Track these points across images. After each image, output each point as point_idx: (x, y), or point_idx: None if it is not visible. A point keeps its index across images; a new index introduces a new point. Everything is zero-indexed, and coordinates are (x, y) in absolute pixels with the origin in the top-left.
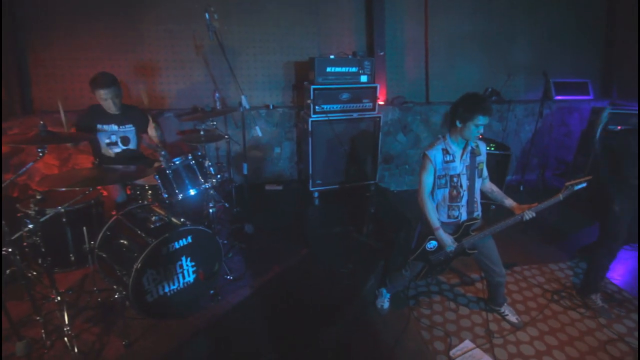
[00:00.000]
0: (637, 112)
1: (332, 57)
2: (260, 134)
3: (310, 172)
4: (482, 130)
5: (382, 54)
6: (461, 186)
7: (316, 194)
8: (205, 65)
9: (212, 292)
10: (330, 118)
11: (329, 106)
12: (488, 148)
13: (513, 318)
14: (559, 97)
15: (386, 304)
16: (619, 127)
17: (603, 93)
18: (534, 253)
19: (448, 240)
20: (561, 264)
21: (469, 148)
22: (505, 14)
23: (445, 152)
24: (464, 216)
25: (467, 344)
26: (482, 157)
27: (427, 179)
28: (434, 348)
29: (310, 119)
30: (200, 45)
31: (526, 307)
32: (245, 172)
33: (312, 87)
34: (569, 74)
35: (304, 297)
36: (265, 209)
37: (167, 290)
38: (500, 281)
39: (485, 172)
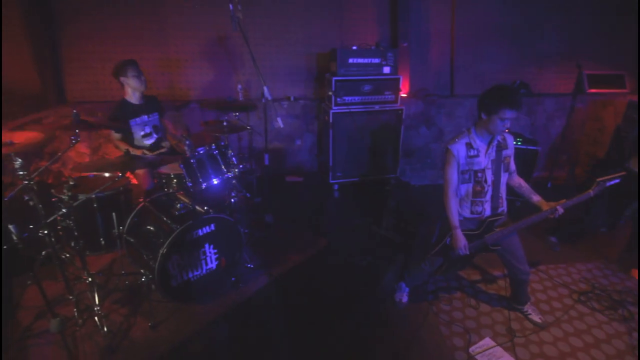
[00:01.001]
0: None
1: (354, 48)
2: (282, 125)
3: (331, 164)
4: (508, 125)
5: (405, 45)
6: (485, 181)
7: (336, 186)
8: (228, 57)
9: (233, 279)
10: (352, 110)
11: (350, 98)
12: (515, 142)
13: (536, 317)
14: (592, 91)
15: (405, 298)
16: None
17: None
18: (560, 252)
19: (461, 243)
20: (589, 264)
21: (495, 142)
22: (535, 3)
23: (470, 146)
24: (487, 212)
25: (487, 341)
26: (509, 151)
27: (452, 175)
28: (452, 344)
29: (332, 111)
30: (223, 37)
31: (551, 307)
32: (266, 162)
33: (334, 78)
34: (604, 66)
35: (321, 288)
36: (286, 200)
37: (190, 275)
38: (524, 279)
39: (512, 166)
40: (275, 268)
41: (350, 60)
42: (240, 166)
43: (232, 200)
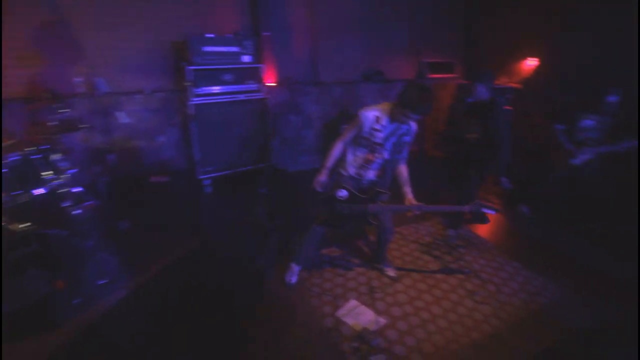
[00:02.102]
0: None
1: (209, 35)
2: (127, 121)
3: (198, 158)
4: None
5: (267, 34)
6: (379, 155)
7: (207, 181)
8: (62, 46)
9: (77, 300)
10: (214, 100)
11: (210, 88)
12: None
13: (392, 273)
14: (432, 76)
15: (294, 279)
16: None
17: (467, 71)
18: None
19: (320, 179)
20: (432, 220)
21: (403, 129)
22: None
23: (377, 119)
24: (368, 177)
25: (352, 303)
26: (409, 138)
27: (350, 133)
28: (322, 312)
29: (191, 102)
30: (52, 22)
31: (403, 261)
32: (112, 163)
33: (190, 67)
34: (440, 55)
35: (195, 287)
36: (150, 203)
37: (11, 308)
38: (389, 238)
39: (404, 154)
40: (134, 278)
41: (206, 49)
42: (72, 171)
43: (72, 210)
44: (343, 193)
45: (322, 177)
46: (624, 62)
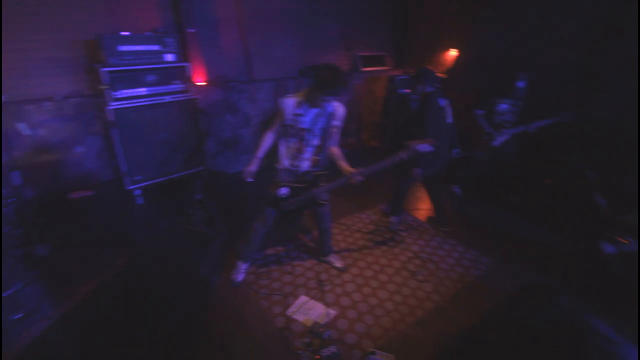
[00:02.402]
0: None
1: (125, 34)
2: (28, 132)
3: (125, 168)
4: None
5: (192, 31)
6: (308, 142)
7: (138, 192)
8: None
9: None
10: (136, 104)
11: (132, 91)
12: None
13: (338, 264)
14: (365, 69)
15: (240, 276)
16: (407, 91)
17: (397, 63)
18: (350, 205)
19: (252, 170)
20: (375, 209)
21: (325, 111)
22: None
23: (298, 104)
24: (304, 168)
25: (302, 299)
26: (338, 122)
27: (275, 121)
28: (272, 313)
29: (110, 107)
30: None
31: (349, 250)
32: (17, 182)
33: (104, 69)
34: (372, 48)
35: (130, 305)
36: (73, 221)
37: None
38: (328, 227)
39: (335, 138)
40: (57, 306)
41: (122, 48)
42: None
43: None
44: (284, 191)
45: (252, 166)
46: (530, 50)
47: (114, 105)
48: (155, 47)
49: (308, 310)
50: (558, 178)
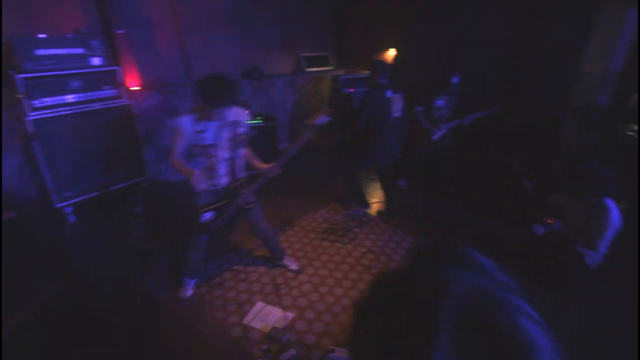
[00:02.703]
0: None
1: (41, 36)
2: None
3: (51, 185)
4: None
5: (121, 32)
6: (217, 157)
7: (69, 209)
8: None
9: None
10: (60, 113)
11: (54, 99)
12: (256, 121)
13: (293, 266)
14: (310, 69)
15: (189, 292)
16: (351, 90)
17: (340, 63)
18: (304, 205)
19: (196, 174)
20: (326, 208)
21: (228, 122)
22: None
23: (196, 120)
24: (223, 184)
25: (258, 305)
26: (244, 128)
27: (177, 143)
28: (228, 323)
29: (29, 118)
30: None
31: (304, 251)
32: None
33: (19, 76)
34: (315, 49)
35: (67, 334)
36: None
37: None
38: (268, 235)
39: (244, 142)
40: None
41: (40, 52)
42: None
43: None
44: (208, 216)
45: (197, 176)
46: (463, 48)
47: (34, 115)
48: (78, 50)
49: (265, 316)
50: (491, 167)
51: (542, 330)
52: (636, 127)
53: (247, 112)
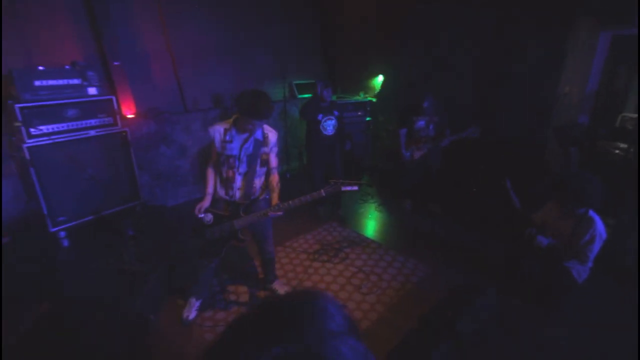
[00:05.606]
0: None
1: (40, 68)
2: None
3: (45, 210)
4: (256, 127)
5: (117, 64)
6: (237, 169)
7: (62, 234)
8: None
9: None
10: (57, 140)
11: (50, 127)
12: None
13: (282, 290)
14: (301, 96)
15: (192, 314)
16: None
17: (332, 90)
18: (297, 226)
19: (204, 205)
20: (318, 229)
21: (252, 138)
22: (245, 27)
23: (225, 131)
24: (237, 197)
25: None
26: (268, 149)
27: (212, 151)
28: None
29: (26, 145)
30: None
31: (295, 272)
32: None
33: (18, 105)
34: (305, 75)
35: (58, 352)
36: None
37: None
38: (270, 258)
39: (272, 163)
40: None
41: (38, 83)
42: None
43: None
44: (207, 217)
45: (205, 202)
46: (440, 72)
47: (30, 142)
48: (75, 81)
49: None
50: (479, 185)
51: None
52: (623, 145)
53: (277, 134)
